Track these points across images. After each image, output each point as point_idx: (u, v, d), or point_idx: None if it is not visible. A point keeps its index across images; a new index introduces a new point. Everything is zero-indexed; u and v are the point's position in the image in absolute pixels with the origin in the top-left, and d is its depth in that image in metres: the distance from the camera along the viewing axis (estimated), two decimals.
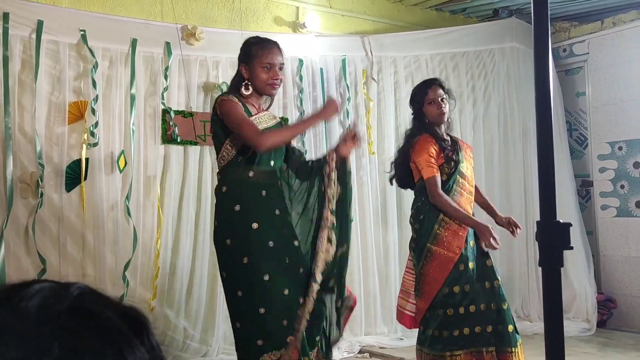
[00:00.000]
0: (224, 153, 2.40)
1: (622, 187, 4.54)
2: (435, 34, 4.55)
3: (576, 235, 4.47)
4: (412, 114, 2.98)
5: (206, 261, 3.61)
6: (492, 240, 2.65)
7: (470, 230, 2.75)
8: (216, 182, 3.63)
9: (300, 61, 4.00)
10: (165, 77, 3.54)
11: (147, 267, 3.45)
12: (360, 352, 3.84)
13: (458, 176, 2.81)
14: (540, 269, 1.01)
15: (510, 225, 2.85)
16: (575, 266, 4.45)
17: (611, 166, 4.61)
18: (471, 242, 2.77)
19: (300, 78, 4.00)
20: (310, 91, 4.06)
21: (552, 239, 0.94)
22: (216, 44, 3.75)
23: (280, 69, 2.38)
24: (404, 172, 2.94)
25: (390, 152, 3.87)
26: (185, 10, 3.77)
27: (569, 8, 4.60)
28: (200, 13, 3.83)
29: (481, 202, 3.04)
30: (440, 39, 4.53)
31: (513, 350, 2.68)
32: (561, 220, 0.97)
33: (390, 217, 4.23)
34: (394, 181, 3.03)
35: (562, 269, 3.79)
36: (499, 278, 2.77)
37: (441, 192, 2.72)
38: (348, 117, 4.11)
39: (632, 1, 4.26)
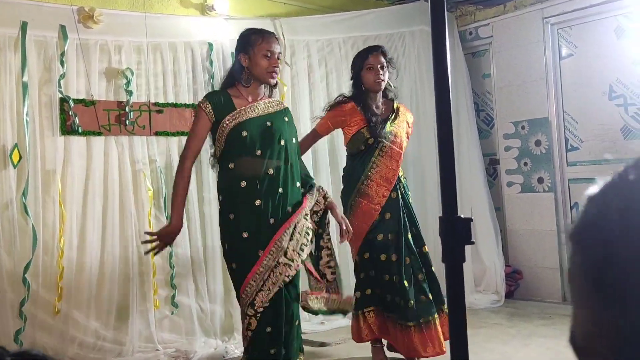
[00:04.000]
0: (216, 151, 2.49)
1: (526, 164, 4.78)
2: (347, 17, 4.53)
3: (485, 212, 4.68)
4: (351, 78, 3.09)
5: (117, 257, 3.44)
6: None
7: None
8: (124, 174, 3.50)
9: (210, 45, 3.86)
10: (62, 63, 3.29)
11: (50, 267, 3.23)
12: None
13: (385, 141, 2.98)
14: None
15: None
16: (485, 241, 4.66)
17: (515, 145, 4.83)
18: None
19: (211, 63, 3.86)
20: (221, 76, 3.91)
21: (454, 235, 0.93)
22: (118, 27, 3.53)
23: (279, 58, 2.47)
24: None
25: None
26: None
27: None
28: None
29: None
30: (352, 22, 4.52)
31: (410, 325, 2.86)
32: (462, 216, 0.97)
33: None
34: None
35: (472, 245, 3.85)
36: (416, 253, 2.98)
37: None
38: None
39: None
